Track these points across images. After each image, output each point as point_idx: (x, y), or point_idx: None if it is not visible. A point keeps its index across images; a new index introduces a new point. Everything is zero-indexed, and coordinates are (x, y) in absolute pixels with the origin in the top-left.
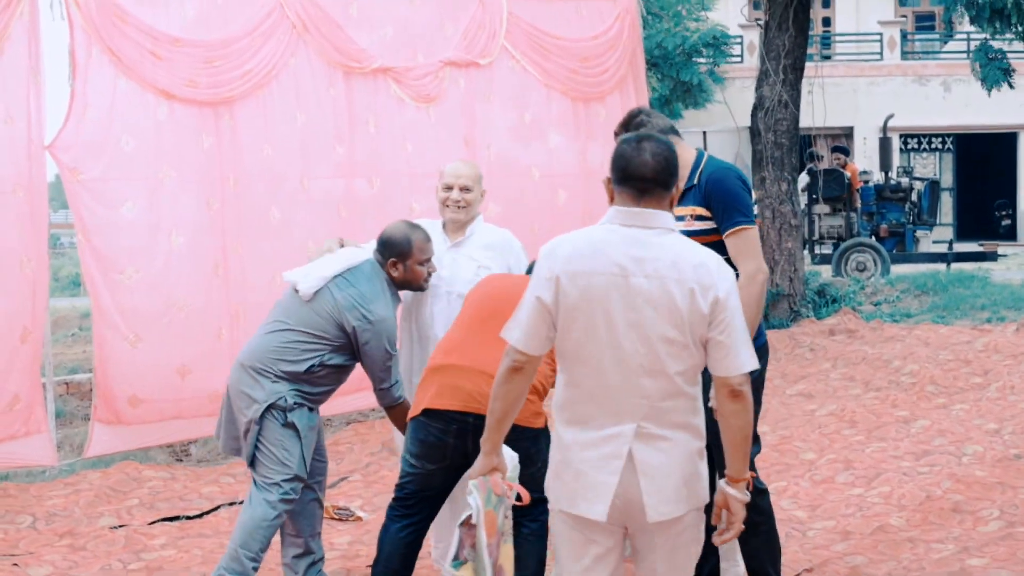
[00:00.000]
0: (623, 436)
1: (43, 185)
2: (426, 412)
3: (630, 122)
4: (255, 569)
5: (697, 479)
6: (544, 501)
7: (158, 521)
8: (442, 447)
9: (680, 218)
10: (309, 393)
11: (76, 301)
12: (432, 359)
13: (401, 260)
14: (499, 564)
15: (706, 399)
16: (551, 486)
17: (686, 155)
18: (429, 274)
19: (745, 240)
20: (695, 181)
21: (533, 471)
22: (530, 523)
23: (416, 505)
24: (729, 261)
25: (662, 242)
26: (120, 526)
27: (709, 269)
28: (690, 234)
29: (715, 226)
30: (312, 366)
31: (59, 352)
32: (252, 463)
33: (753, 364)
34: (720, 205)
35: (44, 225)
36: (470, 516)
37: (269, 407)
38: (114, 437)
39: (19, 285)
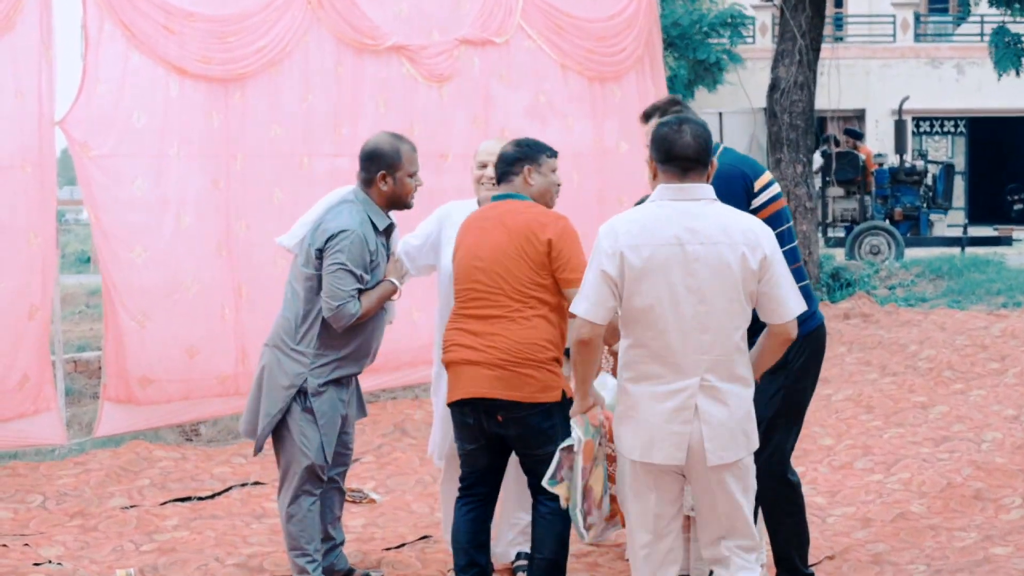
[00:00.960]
0: (688, 389)
1: (52, 161)
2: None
3: (668, 109)
4: (312, 563)
5: (751, 427)
6: None
7: (170, 502)
8: (471, 428)
9: None
10: (333, 360)
11: (83, 278)
12: (443, 353)
13: (391, 172)
14: (589, 485)
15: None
16: (622, 437)
17: None
18: (417, 188)
19: None
20: None
21: (551, 448)
22: (548, 502)
23: (473, 485)
24: None
25: (709, 212)
26: (131, 506)
27: (755, 231)
28: None
29: None
30: (320, 331)
31: (67, 330)
32: (276, 448)
33: (801, 306)
34: None
35: (53, 201)
36: (571, 445)
37: (296, 392)
38: (124, 416)
39: (27, 262)
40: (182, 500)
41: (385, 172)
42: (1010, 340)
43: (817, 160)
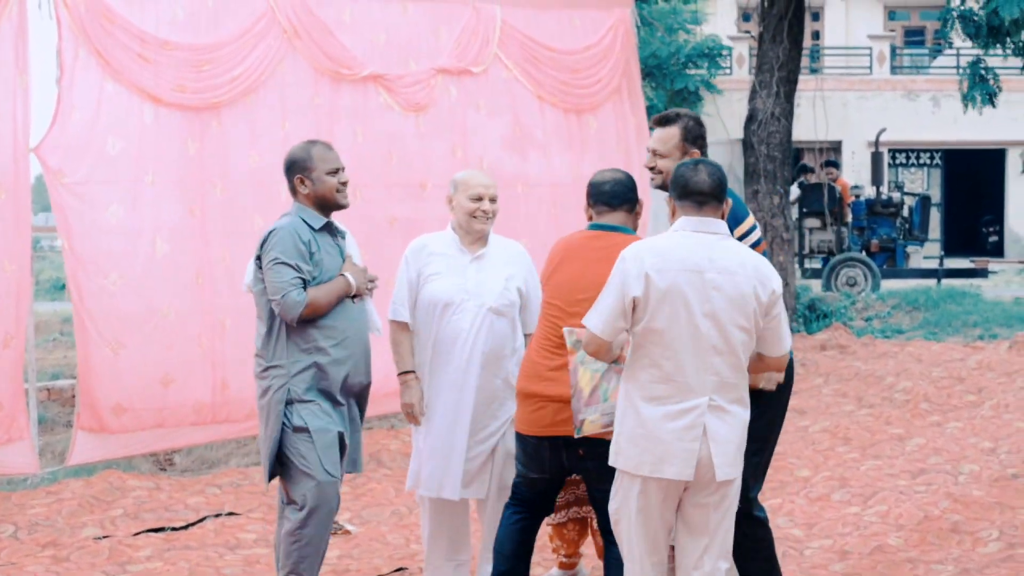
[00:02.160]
0: (698, 408)
1: (27, 187)
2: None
3: (681, 116)
4: None
5: (744, 448)
6: None
7: (143, 532)
8: (540, 458)
9: None
10: (310, 366)
11: (57, 305)
12: (519, 380)
13: (306, 174)
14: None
15: None
16: (628, 454)
17: None
18: (343, 184)
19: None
20: None
21: None
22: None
23: (524, 501)
24: None
25: (726, 245)
26: (104, 537)
27: (767, 268)
28: None
29: None
30: (287, 339)
31: (40, 357)
32: (282, 478)
33: (790, 343)
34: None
35: (27, 228)
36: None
37: (284, 409)
38: (97, 445)
39: (1, 289)
40: (155, 530)
41: (301, 175)
42: (987, 372)
43: (794, 192)
